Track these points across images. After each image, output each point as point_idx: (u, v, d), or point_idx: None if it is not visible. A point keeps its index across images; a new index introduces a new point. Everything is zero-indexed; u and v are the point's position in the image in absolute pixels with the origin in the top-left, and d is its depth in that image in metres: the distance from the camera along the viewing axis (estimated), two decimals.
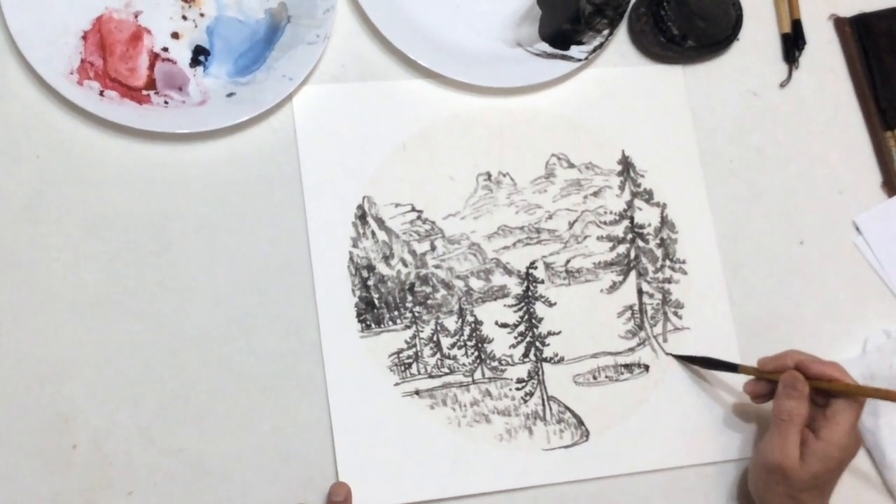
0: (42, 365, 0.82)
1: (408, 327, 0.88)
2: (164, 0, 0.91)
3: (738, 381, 0.91)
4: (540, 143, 0.96)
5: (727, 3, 1.00)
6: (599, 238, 0.94)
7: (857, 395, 0.83)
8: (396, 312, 0.88)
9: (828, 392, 0.83)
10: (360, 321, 0.87)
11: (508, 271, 0.92)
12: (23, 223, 0.84)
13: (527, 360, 0.90)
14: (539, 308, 0.91)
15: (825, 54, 1.04)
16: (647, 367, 0.91)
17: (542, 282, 0.92)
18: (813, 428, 0.83)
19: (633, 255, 0.94)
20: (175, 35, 0.91)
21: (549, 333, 0.91)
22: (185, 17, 0.92)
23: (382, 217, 0.90)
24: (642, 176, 0.97)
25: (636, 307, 0.93)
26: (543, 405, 0.89)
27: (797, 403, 0.83)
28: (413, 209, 0.91)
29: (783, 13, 1.04)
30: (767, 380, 0.87)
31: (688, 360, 0.92)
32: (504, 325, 0.90)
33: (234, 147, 0.89)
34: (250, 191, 0.89)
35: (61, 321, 0.83)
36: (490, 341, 0.89)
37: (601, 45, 0.98)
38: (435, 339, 0.88)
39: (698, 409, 0.91)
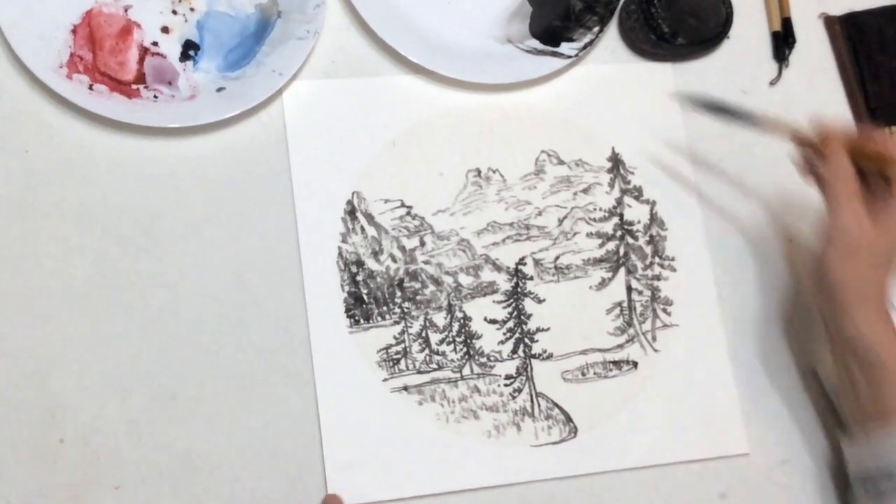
0: (30, 359, 0.82)
1: (396, 323, 0.88)
2: None
3: (727, 380, 0.91)
4: (530, 139, 0.96)
5: (717, 1, 1.01)
6: (589, 235, 0.94)
7: None
8: (385, 308, 0.88)
9: (875, 160, 0.82)
10: (348, 317, 0.87)
11: (497, 267, 0.92)
12: (11, 217, 0.84)
13: (515, 356, 0.90)
14: (528, 304, 0.91)
15: (815, 53, 1.04)
16: (635, 364, 0.92)
17: (532, 278, 0.92)
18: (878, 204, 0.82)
19: (622, 251, 0.95)
20: (165, 29, 0.91)
21: (538, 330, 0.91)
22: (175, 12, 0.91)
23: (372, 213, 0.90)
24: (632, 173, 0.97)
25: (625, 304, 0.93)
26: (532, 401, 0.89)
27: (837, 159, 0.82)
28: (402, 205, 0.91)
29: (773, 11, 1.04)
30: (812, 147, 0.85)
31: (705, 106, 0.92)
32: (493, 322, 0.90)
33: (223, 142, 0.89)
34: (240, 186, 0.89)
35: (49, 315, 0.83)
36: (479, 337, 0.90)
37: (591, 42, 0.98)
38: (424, 334, 0.88)
39: (687, 405, 0.91)
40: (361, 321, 0.87)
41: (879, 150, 0.83)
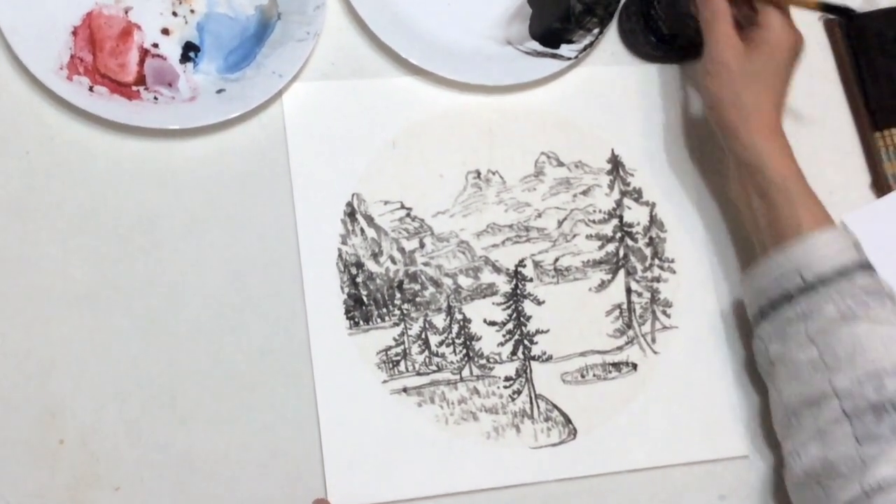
0: (29, 360, 0.82)
1: (396, 325, 0.88)
2: None
3: (727, 382, 0.91)
4: (529, 141, 0.96)
5: None
6: (588, 237, 0.94)
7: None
8: (385, 310, 0.88)
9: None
10: (348, 318, 0.87)
11: (497, 269, 0.92)
12: (11, 218, 0.84)
13: (515, 358, 0.90)
14: (527, 306, 0.91)
15: (815, 55, 1.04)
16: (635, 366, 0.92)
17: (531, 280, 0.92)
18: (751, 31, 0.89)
19: (621, 253, 0.95)
20: (165, 31, 0.91)
21: (538, 332, 0.91)
22: (175, 14, 0.92)
23: (371, 214, 0.91)
24: (632, 175, 0.97)
25: (624, 306, 0.93)
26: (531, 403, 0.89)
27: (715, 2, 0.88)
28: (402, 206, 0.91)
29: None
30: None
31: None
32: (492, 323, 0.90)
33: (223, 143, 0.89)
34: (239, 187, 0.89)
35: (49, 317, 0.83)
36: (478, 339, 0.90)
37: (591, 44, 0.98)
38: (423, 336, 0.89)
39: (686, 407, 0.91)
40: (361, 323, 0.88)
41: None
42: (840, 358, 0.79)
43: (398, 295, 0.89)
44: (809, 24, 1.04)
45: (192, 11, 0.92)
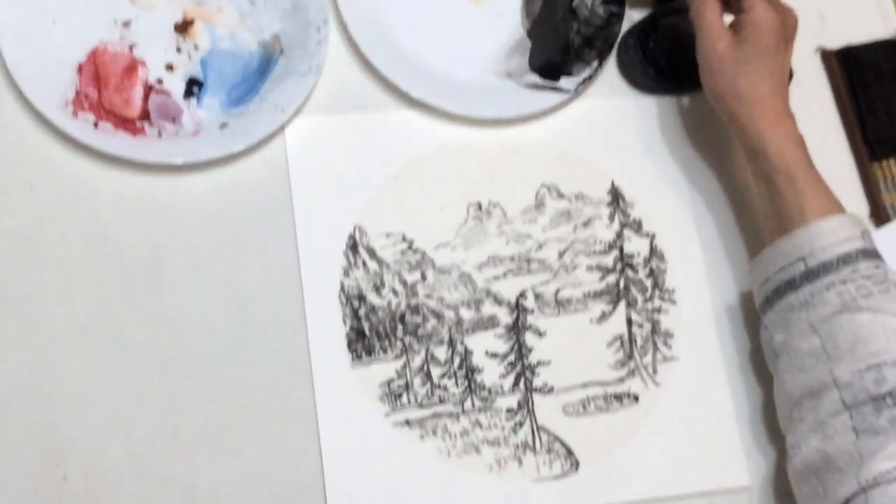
0: (33, 394, 0.82)
1: (398, 357, 0.89)
2: (158, 32, 0.92)
3: (729, 412, 0.92)
4: (530, 173, 0.96)
5: None
6: (589, 268, 0.95)
7: None
8: (387, 342, 0.89)
9: None
10: (350, 351, 0.88)
11: (498, 301, 0.92)
12: (16, 253, 0.85)
13: (517, 389, 0.90)
14: (529, 338, 0.92)
15: (813, 87, 1.05)
16: (636, 398, 0.92)
17: (532, 311, 0.92)
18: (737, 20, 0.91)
19: (622, 285, 0.95)
20: (169, 67, 0.92)
21: (539, 363, 0.91)
22: (179, 50, 0.92)
23: (373, 247, 0.91)
24: (632, 206, 0.97)
25: (626, 337, 0.94)
26: (533, 435, 0.89)
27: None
28: (404, 239, 0.92)
29: None
30: None
31: None
32: (494, 355, 0.91)
33: (226, 177, 0.90)
34: (243, 221, 0.90)
35: (53, 351, 0.83)
36: (480, 371, 0.90)
37: (590, 77, 0.99)
38: (425, 368, 0.89)
39: (688, 438, 0.92)
40: (363, 355, 0.88)
41: None
42: (841, 348, 0.79)
43: (400, 327, 0.89)
44: (805, 57, 1.05)
45: (196, 47, 0.93)
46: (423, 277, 0.91)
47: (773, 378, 0.87)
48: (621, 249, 0.96)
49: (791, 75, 1.02)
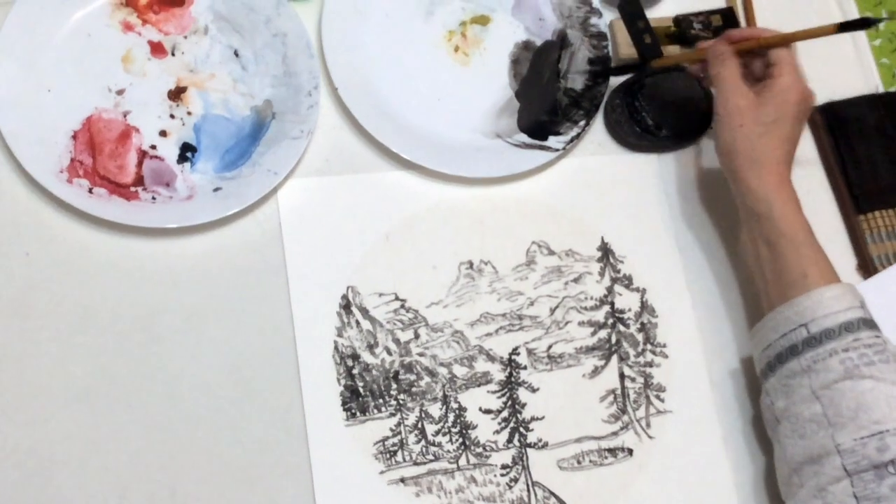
0: (30, 457, 0.82)
1: (392, 415, 0.89)
2: (152, 99, 0.94)
3: (723, 464, 0.92)
4: (520, 230, 0.98)
5: (700, 94, 1.03)
6: (581, 323, 0.96)
7: (784, 42, 0.91)
8: (381, 400, 0.89)
9: (759, 49, 0.92)
10: (345, 410, 0.88)
11: (491, 358, 0.93)
12: (12, 318, 0.85)
13: (511, 445, 0.90)
14: (522, 394, 0.92)
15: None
16: (630, 451, 0.92)
17: (525, 367, 0.93)
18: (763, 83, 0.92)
19: (614, 339, 0.96)
20: (163, 133, 0.93)
21: (533, 419, 0.91)
22: (172, 116, 0.94)
23: (367, 306, 0.92)
24: (622, 262, 0.98)
25: (618, 391, 0.94)
26: (528, 491, 0.89)
27: (725, 61, 0.92)
28: (396, 298, 0.93)
29: None
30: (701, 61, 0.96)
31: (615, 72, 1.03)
32: (488, 411, 0.91)
33: (220, 240, 0.91)
34: (237, 282, 0.90)
35: (49, 414, 0.84)
36: (474, 427, 0.90)
37: (578, 136, 1.00)
38: (419, 426, 0.89)
39: (683, 491, 0.92)
40: (358, 414, 0.88)
41: (758, 41, 0.92)
42: (843, 414, 0.79)
43: (394, 385, 0.90)
44: None
45: (189, 113, 0.94)
46: (417, 336, 0.92)
47: (774, 444, 0.87)
48: (612, 304, 0.97)
49: None
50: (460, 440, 0.90)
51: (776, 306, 0.86)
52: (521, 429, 0.91)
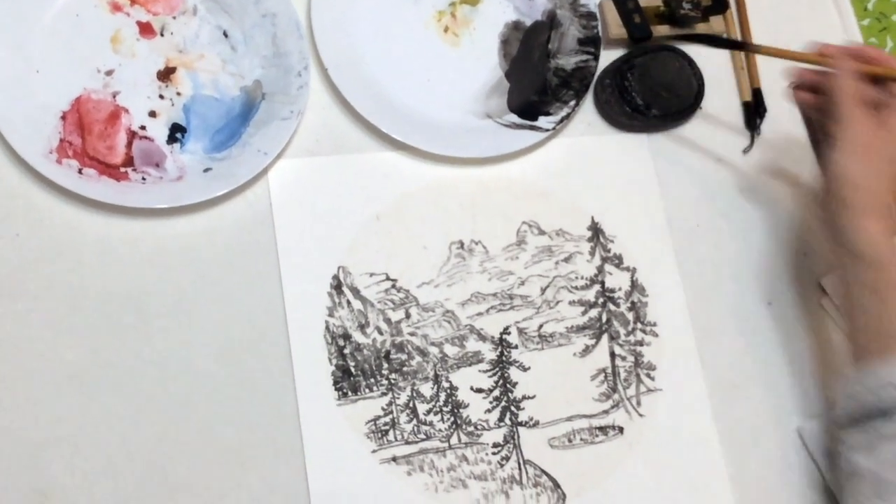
0: (20, 441, 0.82)
1: (384, 394, 0.89)
2: (141, 80, 0.93)
3: (712, 443, 0.92)
4: (511, 211, 0.98)
5: (689, 74, 1.03)
6: (571, 303, 0.96)
7: None
8: (373, 380, 0.89)
9: (887, 78, 0.87)
10: (336, 389, 0.88)
11: (482, 337, 0.93)
12: (2, 299, 0.85)
13: (502, 424, 0.91)
14: (513, 373, 0.92)
15: (786, 121, 1.06)
16: (621, 430, 0.93)
17: (516, 347, 0.93)
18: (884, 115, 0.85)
19: (604, 318, 0.96)
20: (152, 113, 0.93)
21: (524, 397, 0.92)
22: (162, 96, 0.94)
23: (357, 287, 0.92)
24: (612, 241, 0.99)
25: (609, 370, 0.94)
26: (520, 469, 0.89)
27: (852, 79, 0.85)
28: (387, 278, 0.93)
29: (743, 82, 1.08)
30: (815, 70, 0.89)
31: (687, 39, 0.99)
32: (479, 391, 0.91)
33: (211, 221, 0.91)
34: (227, 263, 0.90)
35: (40, 397, 0.83)
36: (465, 406, 0.90)
37: (568, 116, 1.00)
38: (411, 405, 0.89)
39: (673, 469, 0.92)
40: (349, 393, 0.88)
41: (886, 69, 0.87)
42: None
43: (385, 365, 0.90)
44: (779, 91, 1.07)
45: (179, 94, 0.94)
46: (408, 315, 0.92)
47: (838, 493, 0.84)
48: (602, 284, 0.97)
49: (765, 111, 1.03)
50: (452, 419, 0.90)
51: (868, 358, 0.82)
52: (513, 407, 0.91)
